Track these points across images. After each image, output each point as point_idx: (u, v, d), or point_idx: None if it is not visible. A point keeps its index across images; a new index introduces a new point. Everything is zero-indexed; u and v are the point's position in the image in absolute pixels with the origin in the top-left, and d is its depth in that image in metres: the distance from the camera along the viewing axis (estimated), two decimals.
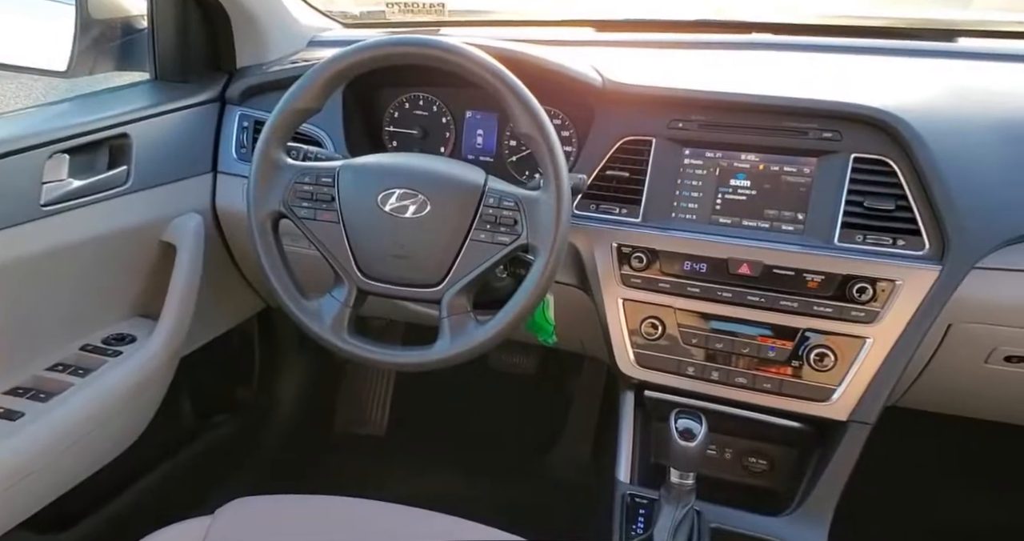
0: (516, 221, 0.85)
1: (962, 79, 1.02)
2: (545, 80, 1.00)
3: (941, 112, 0.92)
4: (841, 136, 0.93)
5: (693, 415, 0.86)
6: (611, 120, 1.04)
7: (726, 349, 0.98)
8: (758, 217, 0.98)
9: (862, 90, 0.95)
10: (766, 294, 0.95)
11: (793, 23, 1.26)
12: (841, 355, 0.93)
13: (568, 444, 1.69)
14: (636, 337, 1.02)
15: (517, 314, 0.85)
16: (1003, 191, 0.88)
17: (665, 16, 1.36)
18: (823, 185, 0.94)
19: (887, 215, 0.91)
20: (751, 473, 1.08)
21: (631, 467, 1.02)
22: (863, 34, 1.19)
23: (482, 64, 0.84)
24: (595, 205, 1.03)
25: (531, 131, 0.84)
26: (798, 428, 0.99)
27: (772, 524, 0.95)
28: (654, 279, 1.00)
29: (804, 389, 0.95)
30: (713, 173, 0.99)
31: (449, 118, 1.19)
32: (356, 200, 0.89)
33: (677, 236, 0.99)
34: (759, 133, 0.97)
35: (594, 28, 1.36)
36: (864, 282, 0.90)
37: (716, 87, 1.00)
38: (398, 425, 1.81)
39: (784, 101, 0.96)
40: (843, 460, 0.95)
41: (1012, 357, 0.94)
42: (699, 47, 1.23)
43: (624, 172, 1.02)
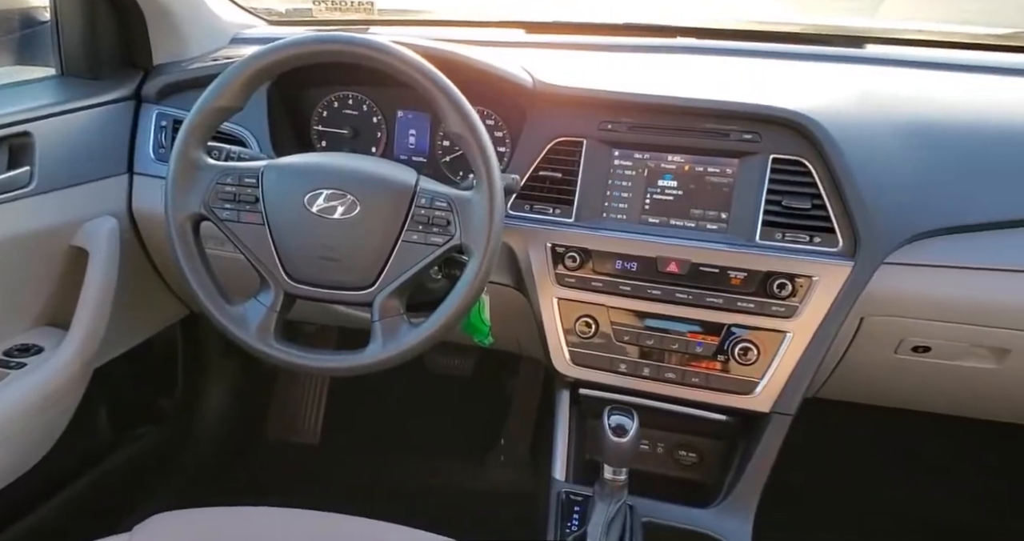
0: (449, 222, 0.85)
1: (871, 84, 1.08)
2: (476, 80, 1.00)
3: (851, 115, 0.97)
4: (760, 138, 0.97)
5: (625, 411, 0.88)
6: (543, 121, 1.04)
7: (656, 345, 1.01)
8: (685, 217, 1.00)
9: (779, 93, 0.99)
10: (693, 291, 0.98)
11: (715, 28, 1.30)
12: (763, 349, 0.96)
13: (507, 445, 1.69)
14: (571, 336, 1.03)
15: (451, 315, 0.84)
16: (908, 190, 0.93)
17: (594, 19, 1.38)
18: (744, 185, 0.97)
19: (804, 214, 0.95)
20: (682, 466, 1.11)
21: (567, 465, 1.03)
22: (780, 39, 1.24)
23: (411, 63, 0.83)
24: (529, 205, 1.04)
25: (462, 131, 0.84)
26: (725, 421, 1.03)
27: (701, 516, 0.98)
28: (587, 278, 1.01)
29: (730, 382, 0.99)
30: (642, 174, 1.02)
31: (380, 117, 1.17)
32: (281, 201, 0.87)
33: (609, 236, 1.01)
34: (684, 135, 1.00)
35: (525, 29, 1.37)
36: (783, 278, 0.94)
37: (643, 90, 1.02)
38: (333, 432, 1.77)
39: (706, 104, 0.99)
40: (766, 451, 0.99)
41: (918, 347, 1.00)
42: (626, 50, 1.26)
43: (557, 173, 1.03)
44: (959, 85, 1.08)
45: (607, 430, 0.85)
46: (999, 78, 1.08)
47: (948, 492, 1.49)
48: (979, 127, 0.97)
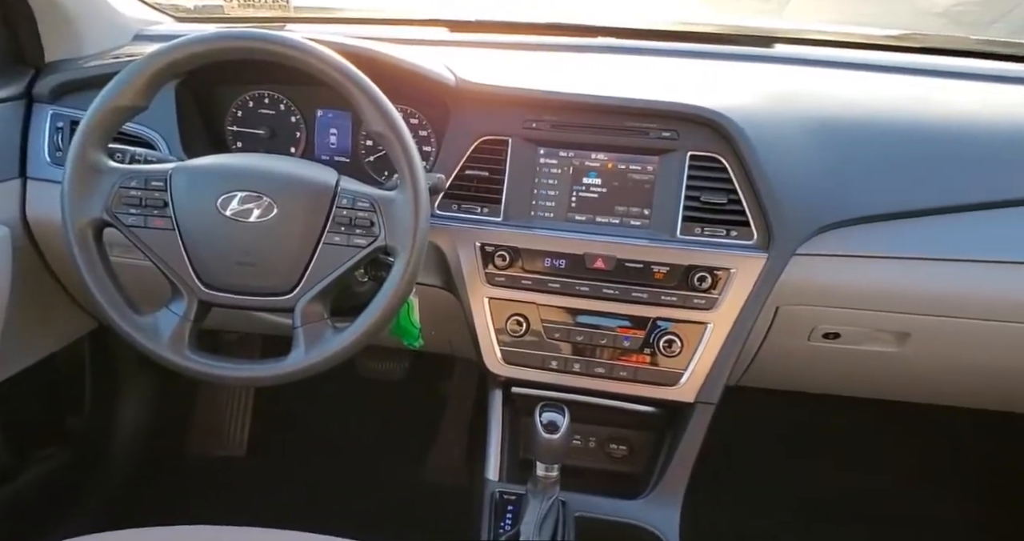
0: (373, 222, 0.83)
1: (780, 82, 1.13)
2: (397, 79, 0.99)
3: (762, 113, 1.01)
4: (678, 135, 0.99)
5: (557, 408, 0.89)
6: (467, 120, 1.04)
7: (586, 341, 1.02)
8: (609, 213, 1.02)
9: (696, 92, 1.02)
10: (619, 286, 1.00)
11: (634, 28, 1.33)
12: (687, 341, 0.99)
13: (442, 448, 1.68)
14: (502, 335, 1.03)
15: (378, 319, 0.83)
16: (816, 184, 0.97)
17: (517, 18, 1.39)
18: (665, 182, 1.00)
19: (721, 208, 0.98)
20: (613, 459, 1.13)
21: (500, 465, 1.03)
22: (695, 39, 1.28)
23: (327, 61, 0.81)
24: (457, 205, 1.03)
25: (383, 129, 0.82)
26: (652, 412, 1.05)
27: (631, 507, 1.01)
28: (517, 277, 1.02)
29: (656, 375, 1.01)
30: (567, 172, 1.03)
31: (298, 117, 1.14)
32: (192, 205, 0.83)
33: (537, 234, 1.01)
34: (606, 133, 1.01)
35: (448, 28, 1.36)
36: (704, 271, 0.97)
37: (565, 88, 1.03)
38: (260, 443, 1.71)
39: (626, 102, 1.01)
40: (691, 440, 1.03)
41: (829, 334, 1.05)
42: (549, 49, 1.27)
43: (483, 172, 1.03)
44: (860, 83, 1.14)
45: (539, 427, 0.86)
46: (894, 77, 1.15)
47: (863, 470, 1.58)
48: (879, 124, 1.03)
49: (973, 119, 1.02)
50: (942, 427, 1.51)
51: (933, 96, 1.08)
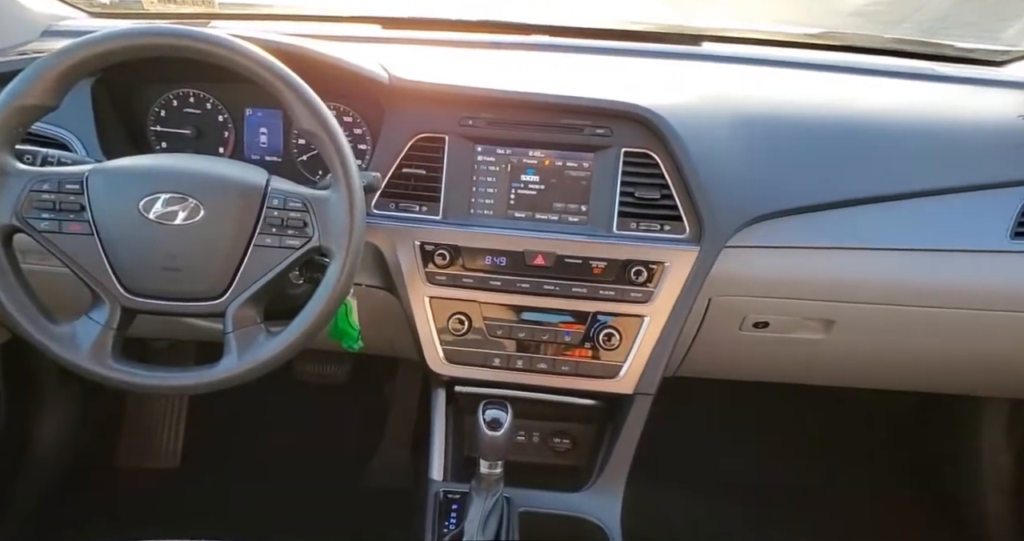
0: (306, 223, 0.82)
1: (707, 79, 1.16)
2: (328, 76, 0.97)
3: (692, 109, 1.04)
4: (612, 132, 1.01)
5: (500, 405, 0.89)
6: (402, 118, 1.03)
7: (528, 337, 1.03)
8: (548, 210, 1.03)
9: (628, 89, 1.04)
10: (559, 282, 1.01)
11: (568, 26, 1.35)
12: (625, 334, 1.01)
13: (387, 450, 1.66)
14: (444, 334, 1.03)
15: (313, 322, 0.81)
16: (743, 179, 1.01)
17: (450, 15, 1.38)
18: (601, 178, 1.01)
19: (654, 204, 1.00)
20: (556, 453, 1.14)
21: (444, 464, 1.03)
22: (626, 38, 1.30)
23: (253, 57, 0.78)
24: (394, 204, 1.02)
25: (313, 127, 0.80)
26: (594, 405, 1.07)
27: (574, 499, 1.02)
28: (458, 275, 1.01)
29: (596, 368, 1.03)
30: (505, 169, 1.03)
31: (226, 116, 1.10)
32: (112, 208, 0.79)
33: (477, 232, 1.01)
34: (542, 130, 1.02)
35: (381, 25, 1.34)
36: (640, 265, 0.99)
37: (500, 85, 1.03)
38: (195, 452, 1.65)
39: (560, 99, 1.02)
40: (631, 431, 1.05)
41: (759, 323, 1.09)
42: (484, 46, 1.27)
43: (421, 170, 1.02)
44: (783, 80, 1.19)
45: (482, 425, 0.86)
46: (815, 74, 1.20)
47: (797, 453, 1.65)
48: (801, 119, 1.07)
49: (887, 114, 1.08)
50: (867, 409, 1.60)
51: (850, 92, 1.14)
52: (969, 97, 1.12)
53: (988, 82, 1.14)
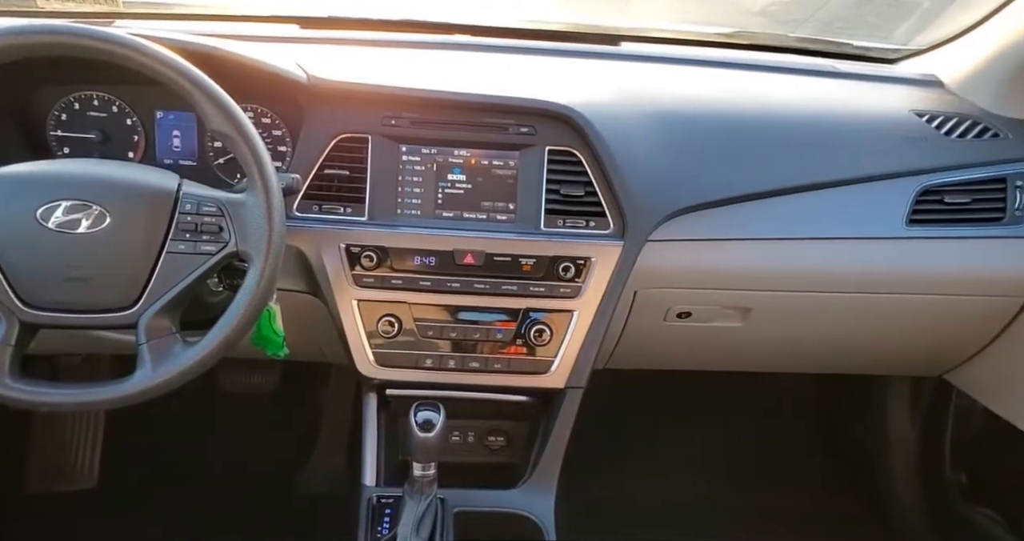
0: (222, 227, 0.79)
1: (626, 79, 1.19)
2: (243, 76, 0.94)
3: (611, 108, 1.06)
4: (536, 131, 1.02)
5: (432, 406, 0.89)
6: (323, 118, 1.01)
7: (460, 337, 1.03)
8: (476, 209, 1.03)
9: (549, 88, 1.06)
10: (490, 281, 1.01)
11: (489, 26, 1.35)
12: (555, 329, 1.03)
13: (321, 458, 1.62)
14: (374, 337, 1.02)
15: (233, 329, 0.79)
16: (662, 174, 1.04)
17: (370, 15, 1.36)
18: (527, 176, 1.03)
19: (579, 200, 1.02)
20: (491, 451, 1.15)
21: (377, 469, 1.02)
22: (547, 37, 1.32)
23: (155, 57, 0.75)
24: (318, 206, 1.00)
25: (225, 129, 0.78)
26: (527, 401, 1.08)
27: (509, 496, 1.03)
28: (386, 277, 1.00)
29: (529, 364, 1.04)
30: (432, 169, 1.03)
31: (135, 119, 1.05)
32: (6, 217, 0.75)
33: (404, 232, 1.00)
34: (466, 129, 1.02)
35: (299, 25, 1.31)
36: (567, 262, 1.01)
37: (423, 85, 1.03)
38: (114, 472, 1.56)
39: (484, 98, 1.02)
40: (563, 424, 1.07)
41: (682, 313, 1.13)
42: (406, 46, 1.26)
43: (344, 171, 1.00)
44: (697, 78, 1.23)
45: (414, 427, 0.85)
46: (726, 71, 1.25)
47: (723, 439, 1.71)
48: (714, 116, 1.11)
49: (793, 110, 1.13)
50: (786, 392, 1.68)
51: (760, 89, 1.19)
52: (866, 93, 1.19)
53: (883, 78, 1.22)
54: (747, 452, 1.68)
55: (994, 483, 1.38)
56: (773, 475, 1.65)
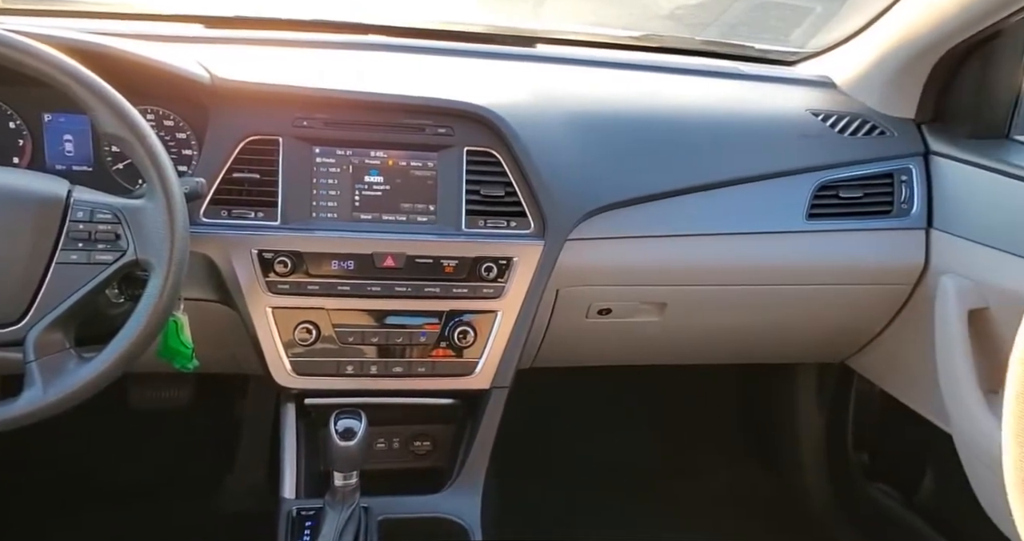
0: (119, 235, 0.75)
1: (542, 80, 1.20)
2: (142, 77, 0.90)
3: (529, 108, 1.08)
4: (454, 131, 1.02)
5: (353, 414, 0.87)
6: (229, 120, 0.97)
7: (382, 342, 1.01)
8: (396, 211, 1.02)
9: (467, 89, 1.06)
10: (412, 283, 1.00)
11: (405, 26, 1.34)
12: (479, 330, 1.03)
13: (241, 473, 1.56)
14: (291, 345, 0.99)
15: (133, 343, 0.75)
16: (579, 174, 1.06)
17: (280, 14, 1.32)
18: (446, 177, 1.02)
19: (500, 201, 1.03)
20: (417, 456, 1.14)
21: (297, 481, 0.99)
22: (463, 39, 1.32)
23: (38, 55, 0.71)
24: (227, 211, 0.96)
25: (119, 131, 0.74)
26: (452, 404, 1.08)
27: (435, 500, 1.03)
28: (302, 282, 0.98)
29: (453, 366, 1.04)
30: (347, 171, 1.01)
31: (19, 123, 0.98)
32: None
33: (320, 236, 0.98)
34: (382, 130, 1.01)
35: (203, 24, 1.25)
36: (489, 262, 1.01)
37: (336, 85, 1.01)
38: (9, 499, 1.45)
39: (399, 99, 1.01)
40: (489, 425, 1.07)
41: (602, 310, 1.16)
42: (318, 46, 1.23)
43: (254, 174, 0.97)
44: (611, 80, 1.26)
45: (333, 436, 0.83)
46: (638, 73, 1.28)
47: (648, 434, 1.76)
48: (627, 116, 1.14)
49: (701, 111, 1.18)
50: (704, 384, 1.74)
51: (668, 91, 1.23)
52: (767, 93, 1.25)
53: (782, 80, 1.28)
54: (670, 444, 1.73)
55: (891, 461, 1.47)
56: (698, 465, 1.70)
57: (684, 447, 1.73)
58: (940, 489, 1.36)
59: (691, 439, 1.74)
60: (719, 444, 1.76)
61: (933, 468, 1.36)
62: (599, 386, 1.64)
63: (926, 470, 1.37)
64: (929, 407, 1.19)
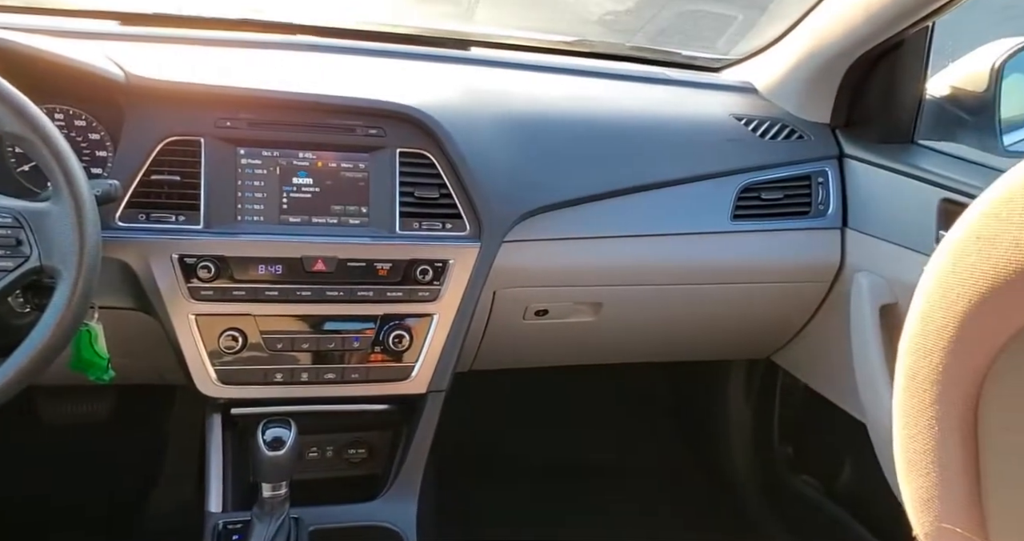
0: (20, 241, 0.71)
1: (475, 82, 1.20)
2: (47, 74, 0.85)
3: (463, 110, 1.07)
4: (385, 133, 1.01)
5: (282, 422, 0.84)
6: (146, 120, 0.93)
7: (313, 348, 0.99)
8: (326, 213, 1.00)
9: (399, 91, 1.05)
10: (343, 287, 0.98)
11: (335, 27, 1.32)
12: (415, 334, 1.02)
13: (168, 488, 1.49)
14: (216, 353, 0.95)
15: (36, 355, 0.70)
16: (513, 176, 1.06)
17: (203, 13, 1.27)
18: (379, 179, 1.01)
19: (435, 203, 1.02)
20: (353, 464, 1.11)
21: (224, 494, 0.95)
22: (396, 40, 1.31)
23: None
24: (144, 214, 0.92)
25: (20, 131, 0.70)
26: (388, 410, 1.06)
27: (369, 508, 1.01)
28: (227, 288, 0.94)
29: (388, 371, 1.02)
30: (274, 172, 0.98)
31: None
32: None
33: (246, 240, 0.95)
34: (311, 131, 0.99)
35: (119, 21, 1.20)
36: (425, 265, 1.00)
37: (260, 85, 0.98)
38: None
39: (328, 99, 0.99)
40: (425, 430, 1.06)
41: (539, 311, 1.16)
42: (244, 45, 1.19)
43: (174, 176, 0.93)
44: (543, 84, 1.27)
45: (261, 446, 0.81)
46: (570, 78, 1.30)
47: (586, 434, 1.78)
48: (560, 120, 1.16)
49: (630, 115, 1.20)
50: (638, 382, 1.78)
51: (600, 95, 1.25)
52: (693, 98, 1.29)
53: (707, 85, 1.33)
54: (607, 442, 1.76)
55: (813, 452, 1.54)
56: (634, 461, 1.74)
57: (621, 444, 1.76)
58: (857, 478, 1.43)
59: (627, 436, 1.77)
60: (654, 441, 1.80)
61: (851, 458, 1.43)
62: (536, 387, 1.64)
63: (845, 460, 1.44)
64: (846, 399, 1.24)
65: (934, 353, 0.28)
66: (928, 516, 0.30)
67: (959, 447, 0.28)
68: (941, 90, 1.18)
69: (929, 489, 0.29)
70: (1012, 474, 0.27)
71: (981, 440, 0.28)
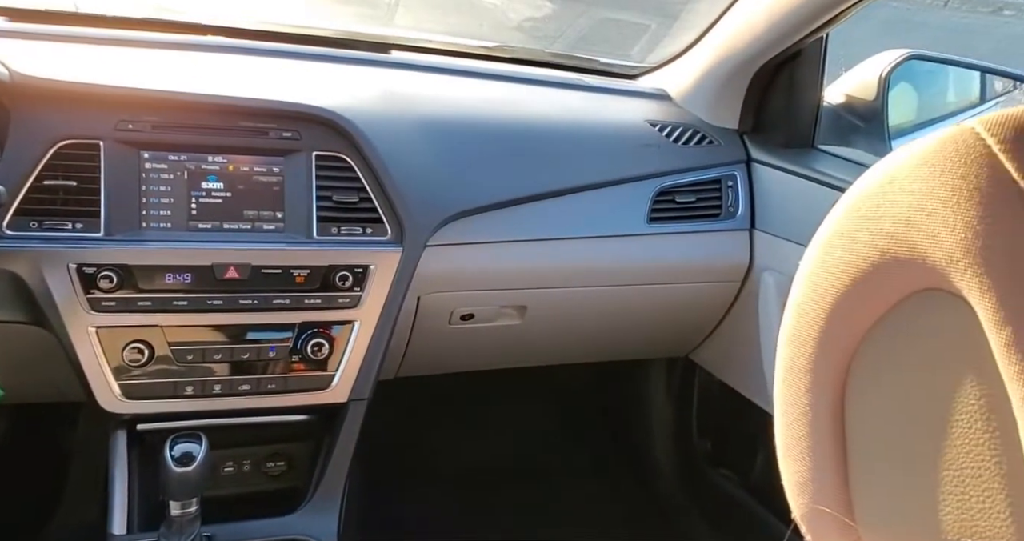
0: None
1: (395, 86, 1.19)
2: None
3: (381, 114, 1.06)
4: (300, 136, 0.98)
5: (193, 437, 0.81)
6: (36, 122, 0.88)
7: (226, 358, 0.95)
8: (239, 219, 0.96)
9: (314, 93, 1.02)
10: (258, 295, 0.95)
11: (247, 28, 1.27)
12: (336, 341, 0.99)
13: (70, 511, 1.39)
14: (119, 367, 0.90)
15: None
16: (434, 180, 1.06)
17: (104, 11, 1.21)
18: (294, 183, 0.98)
19: (354, 207, 1.00)
20: (272, 477, 1.08)
21: (129, 515, 0.90)
22: (311, 42, 1.28)
23: None
24: (36, 222, 0.87)
25: None
26: (308, 420, 1.03)
27: (288, 522, 0.98)
28: (131, 299, 0.90)
29: (307, 381, 0.99)
30: (182, 177, 0.94)
31: None
32: None
33: (151, 248, 0.91)
34: (220, 134, 0.95)
35: (7, 17, 1.12)
36: (344, 270, 0.98)
37: (165, 86, 0.94)
38: None
39: (238, 101, 0.96)
40: (347, 439, 1.03)
41: (465, 315, 1.16)
42: (147, 45, 1.13)
43: (70, 181, 0.88)
44: (464, 88, 1.27)
45: (169, 462, 0.77)
46: (491, 83, 1.31)
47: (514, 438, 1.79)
48: (480, 124, 1.16)
49: (548, 120, 1.22)
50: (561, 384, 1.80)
51: (520, 100, 1.26)
52: (610, 105, 1.32)
53: (623, 92, 1.36)
54: (534, 444, 1.77)
55: (729, 447, 1.60)
56: (560, 462, 1.75)
57: (549, 444, 1.78)
58: (768, 469, 1.49)
59: (556, 437, 1.79)
60: (580, 441, 1.83)
61: (763, 450, 1.49)
62: (461, 391, 1.64)
63: (758, 453, 1.50)
64: (758, 394, 1.30)
65: (807, 344, 0.30)
66: (803, 499, 0.31)
67: (829, 433, 0.30)
68: (837, 98, 1.26)
69: (804, 473, 0.31)
70: (873, 458, 0.29)
71: (847, 426, 0.30)
